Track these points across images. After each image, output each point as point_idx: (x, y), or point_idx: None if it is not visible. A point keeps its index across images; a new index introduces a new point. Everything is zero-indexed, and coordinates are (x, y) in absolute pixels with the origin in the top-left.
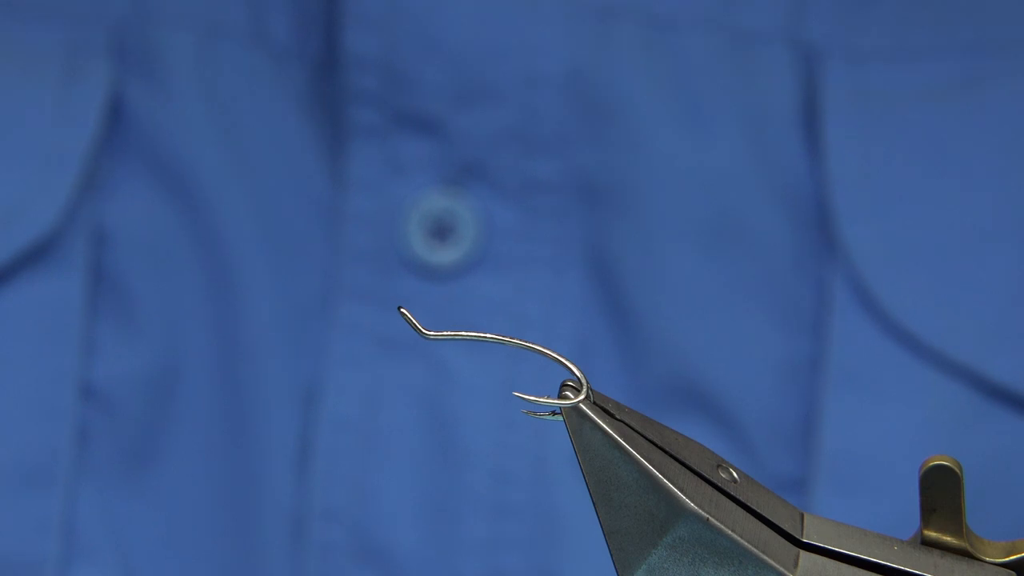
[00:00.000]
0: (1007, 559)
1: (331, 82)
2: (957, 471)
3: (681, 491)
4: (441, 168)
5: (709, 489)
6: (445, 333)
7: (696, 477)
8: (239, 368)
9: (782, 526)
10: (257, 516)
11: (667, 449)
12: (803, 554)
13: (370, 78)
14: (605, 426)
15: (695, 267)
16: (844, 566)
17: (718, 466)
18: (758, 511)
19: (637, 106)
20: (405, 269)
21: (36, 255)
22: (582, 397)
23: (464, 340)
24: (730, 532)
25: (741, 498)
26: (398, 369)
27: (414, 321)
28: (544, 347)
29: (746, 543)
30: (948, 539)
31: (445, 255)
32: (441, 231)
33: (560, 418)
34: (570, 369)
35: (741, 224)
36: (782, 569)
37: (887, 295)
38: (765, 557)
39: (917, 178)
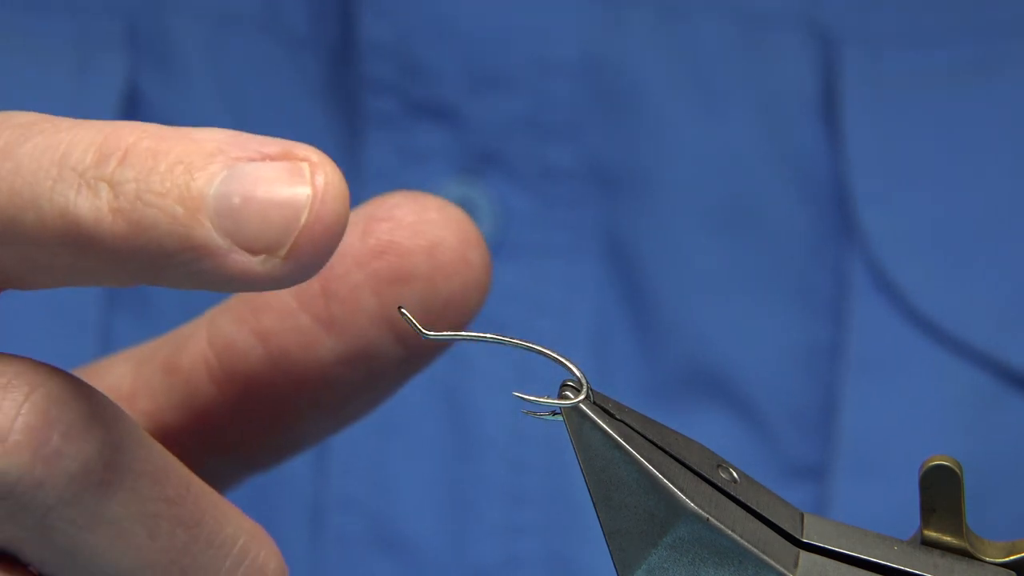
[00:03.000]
0: (1007, 559)
1: (346, 71)
2: (957, 471)
3: (681, 491)
4: (457, 156)
5: (709, 489)
6: (445, 333)
7: (696, 477)
8: None
9: (782, 526)
10: (275, 506)
11: (667, 449)
12: (803, 554)
13: (385, 67)
14: (605, 426)
15: (712, 252)
16: (844, 566)
17: (718, 466)
18: (758, 511)
19: (652, 91)
20: None
21: None
22: (582, 397)
23: (465, 340)
24: (730, 532)
25: (741, 498)
26: None
27: (414, 321)
28: (544, 347)
29: (746, 543)
30: (948, 539)
31: None
32: None
33: (560, 418)
34: (570, 369)
35: (758, 209)
36: (782, 569)
37: (905, 280)
38: (765, 557)
39: (935, 162)
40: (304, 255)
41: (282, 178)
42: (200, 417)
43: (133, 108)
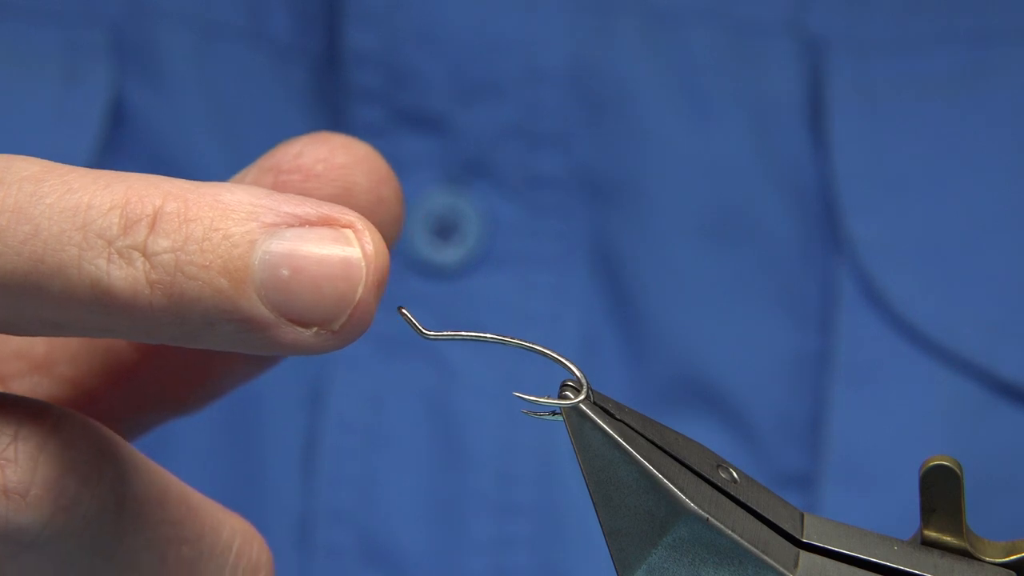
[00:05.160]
0: (1007, 559)
1: (332, 80)
2: (957, 471)
3: (681, 491)
4: (444, 166)
5: (709, 489)
6: (445, 333)
7: (696, 477)
8: None
9: (782, 526)
10: (263, 518)
11: (667, 449)
12: (803, 554)
13: (371, 75)
14: (605, 426)
15: (700, 261)
16: (844, 566)
17: (718, 466)
18: (758, 511)
19: (640, 99)
20: (409, 269)
21: None
22: (582, 397)
23: (465, 340)
24: (730, 532)
25: (741, 498)
26: (403, 369)
27: (414, 321)
28: (544, 347)
29: (746, 543)
30: (948, 539)
31: (449, 254)
32: (445, 229)
33: (560, 418)
34: (570, 369)
35: (746, 218)
36: (782, 569)
37: (893, 289)
38: (765, 557)
39: (923, 170)
40: (357, 325)
41: (331, 249)
42: (121, 378)
43: (118, 117)
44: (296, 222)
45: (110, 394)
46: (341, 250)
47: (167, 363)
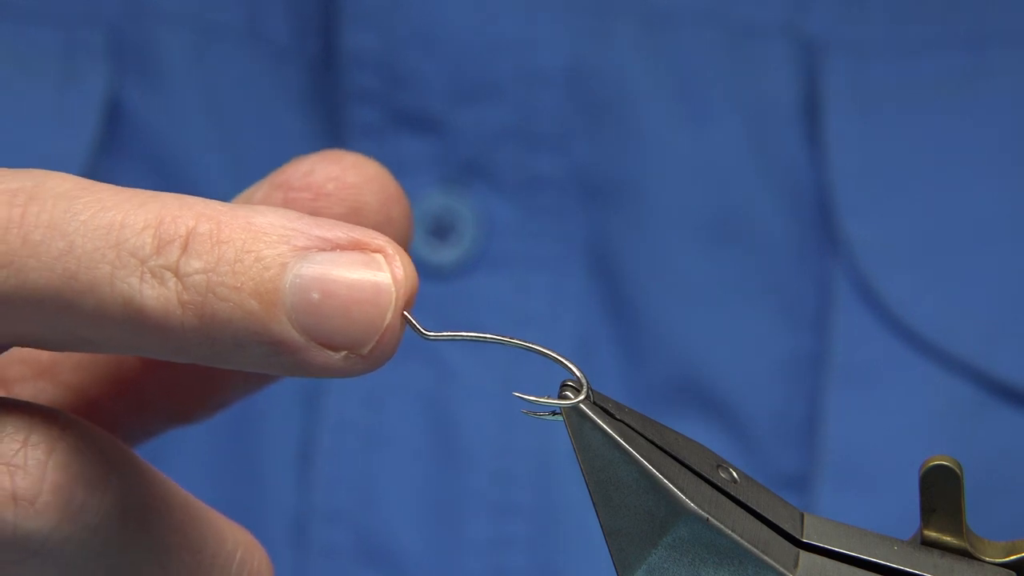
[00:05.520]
0: (1007, 559)
1: (330, 81)
2: (957, 471)
3: (681, 491)
4: (441, 167)
5: (709, 489)
6: (445, 333)
7: (696, 477)
8: None
9: (782, 526)
10: (260, 518)
11: (667, 449)
12: (803, 554)
13: (369, 77)
14: (605, 426)
15: (696, 263)
16: (844, 566)
17: (718, 466)
18: (758, 511)
19: (637, 101)
20: None
21: None
22: (582, 397)
23: (465, 340)
24: (730, 532)
25: (741, 498)
26: (399, 371)
27: (414, 321)
28: (544, 347)
29: (746, 543)
30: (948, 539)
31: (446, 254)
32: (442, 230)
33: (560, 418)
34: (570, 369)
35: (742, 219)
36: (782, 569)
37: (889, 291)
38: (765, 557)
39: (919, 172)
40: (386, 349)
41: (362, 273)
42: (125, 386)
43: (116, 118)
44: (327, 246)
45: (114, 402)
46: (372, 275)
47: (172, 373)
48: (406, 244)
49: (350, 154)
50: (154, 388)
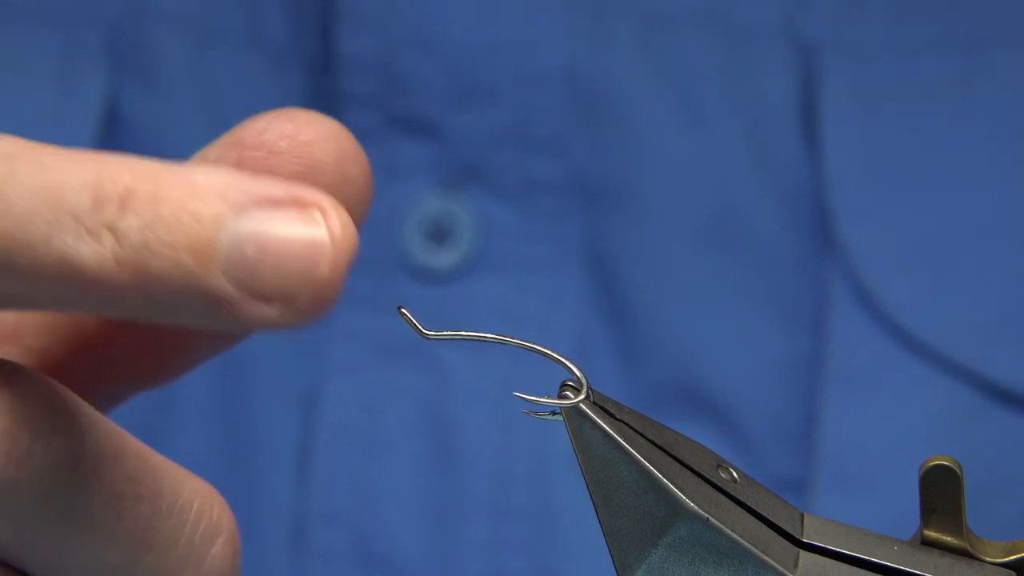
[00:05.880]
0: (1007, 559)
1: (327, 85)
2: (957, 471)
3: (681, 491)
4: (439, 170)
5: (709, 489)
6: (445, 333)
7: (696, 477)
8: (239, 375)
9: (782, 526)
10: (258, 522)
11: (667, 449)
12: (803, 554)
13: (366, 80)
14: (605, 426)
15: (694, 265)
16: (844, 566)
17: (718, 466)
18: (758, 511)
19: (635, 104)
20: (404, 273)
21: None
22: (582, 397)
23: (464, 341)
24: (730, 532)
25: (741, 498)
26: (397, 373)
27: (414, 321)
28: (544, 347)
29: (746, 543)
30: (948, 539)
31: (444, 258)
32: (439, 234)
33: (560, 418)
34: (570, 369)
35: (740, 222)
36: (782, 569)
37: (886, 293)
38: (765, 557)
39: (916, 175)
40: (321, 303)
41: (296, 228)
42: (89, 349)
43: (113, 121)
44: (265, 202)
45: (79, 365)
46: (307, 230)
47: (135, 335)
48: (364, 203)
49: (305, 112)
50: (117, 350)
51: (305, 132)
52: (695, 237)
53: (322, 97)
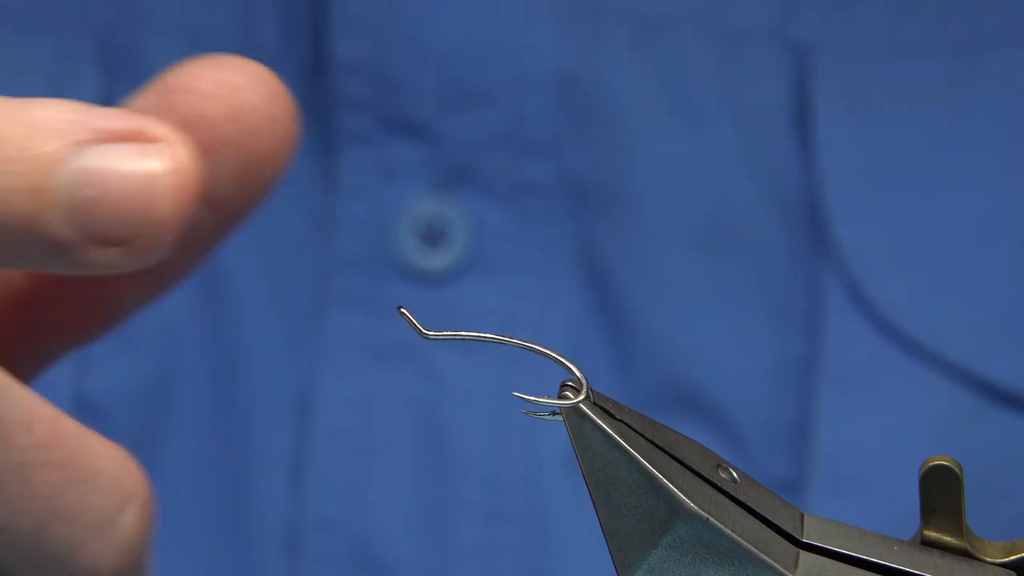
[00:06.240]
0: (1007, 559)
1: (320, 88)
2: (957, 471)
3: (681, 491)
4: (432, 173)
5: (709, 489)
6: (445, 333)
7: (696, 477)
8: (232, 379)
9: (782, 526)
10: (252, 527)
11: (667, 449)
12: (803, 554)
13: (359, 83)
14: (605, 426)
15: (688, 268)
16: (844, 566)
17: (718, 466)
18: (758, 511)
19: (628, 106)
20: (397, 275)
21: None
22: (582, 397)
23: (463, 341)
24: (730, 532)
25: (741, 498)
26: (391, 377)
27: (414, 321)
28: (544, 347)
29: (746, 543)
30: (948, 539)
31: (437, 260)
32: (433, 236)
33: (560, 418)
34: (570, 369)
35: (734, 224)
36: (782, 569)
37: (881, 295)
38: (765, 557)
39: (910, 176)
40: (163, 242)
41: (137, 164)
42: (17, 308)
43: None
44: (107, 138)
45: (6, 324)
46: (147, 165)
47: (60, 290)
48: (290, 144)
49: (231, 57)
50: (44, 307)
51: (231, 75)
52: (689, 239)
53: (314, 100)
